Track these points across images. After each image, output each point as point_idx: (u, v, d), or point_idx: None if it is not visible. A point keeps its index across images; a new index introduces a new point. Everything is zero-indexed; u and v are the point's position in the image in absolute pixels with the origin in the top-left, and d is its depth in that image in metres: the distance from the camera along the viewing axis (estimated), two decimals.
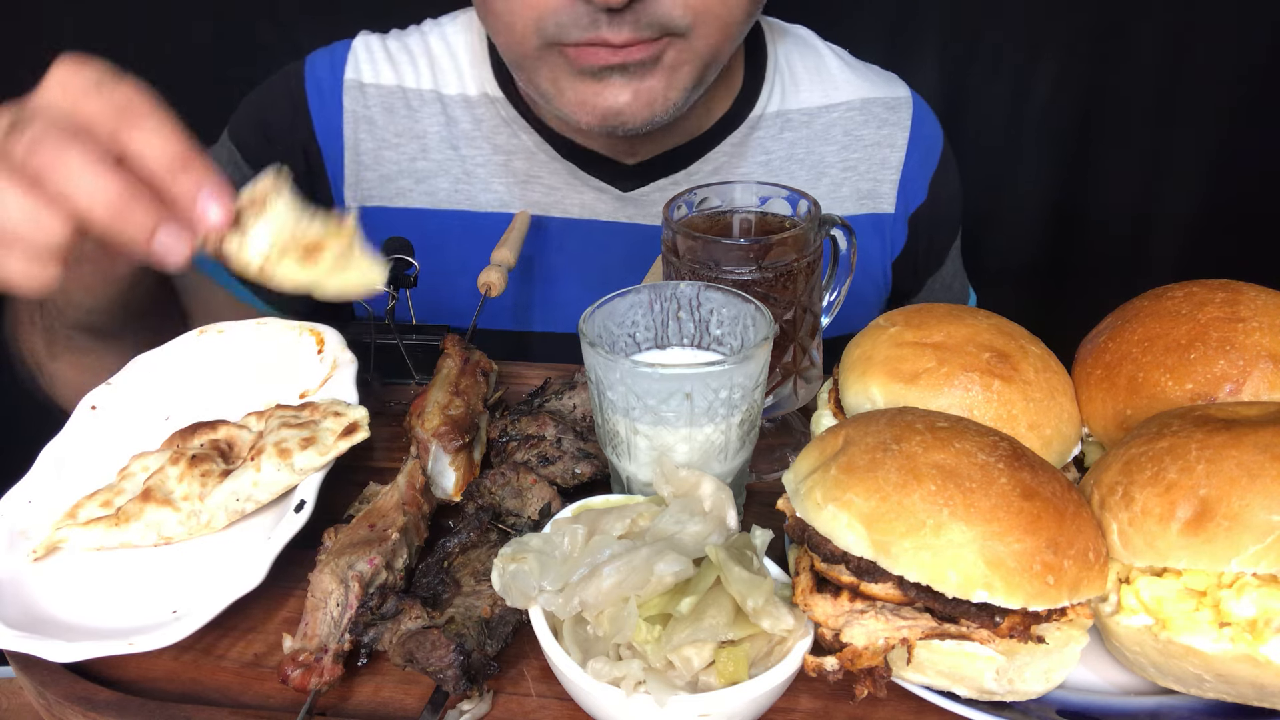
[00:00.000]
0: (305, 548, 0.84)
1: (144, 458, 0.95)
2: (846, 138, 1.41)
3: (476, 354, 1.08)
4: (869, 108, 1.42)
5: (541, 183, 1.35)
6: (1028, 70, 1.85)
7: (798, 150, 1.40)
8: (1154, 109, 1.86)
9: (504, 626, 0.78)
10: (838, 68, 1.43)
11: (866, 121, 1.42)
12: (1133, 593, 0.72)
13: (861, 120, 1.42)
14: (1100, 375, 0.88)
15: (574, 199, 1.36)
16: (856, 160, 1.41)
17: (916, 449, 0.71)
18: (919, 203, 1.45)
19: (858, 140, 1.42)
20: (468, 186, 1.35)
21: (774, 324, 0.84)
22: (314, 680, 0.75)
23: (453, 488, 0.96)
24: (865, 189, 1.42)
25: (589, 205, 1.36)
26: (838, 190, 1.41)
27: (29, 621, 0.79)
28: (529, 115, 1.34)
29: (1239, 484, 0.67)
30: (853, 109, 1.42)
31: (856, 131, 1.42)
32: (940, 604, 0.68)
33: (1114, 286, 1.05)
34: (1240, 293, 0.86)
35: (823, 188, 1.40)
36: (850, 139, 1.41)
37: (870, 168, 1.42)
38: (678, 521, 0.76)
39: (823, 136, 1.41)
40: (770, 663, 0.69)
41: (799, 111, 1.40)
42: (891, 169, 1.42)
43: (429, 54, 1.37)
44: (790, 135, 1.40)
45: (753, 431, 0.87)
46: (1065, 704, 0.74)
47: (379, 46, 1.37)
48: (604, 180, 1.35)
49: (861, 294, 1.44)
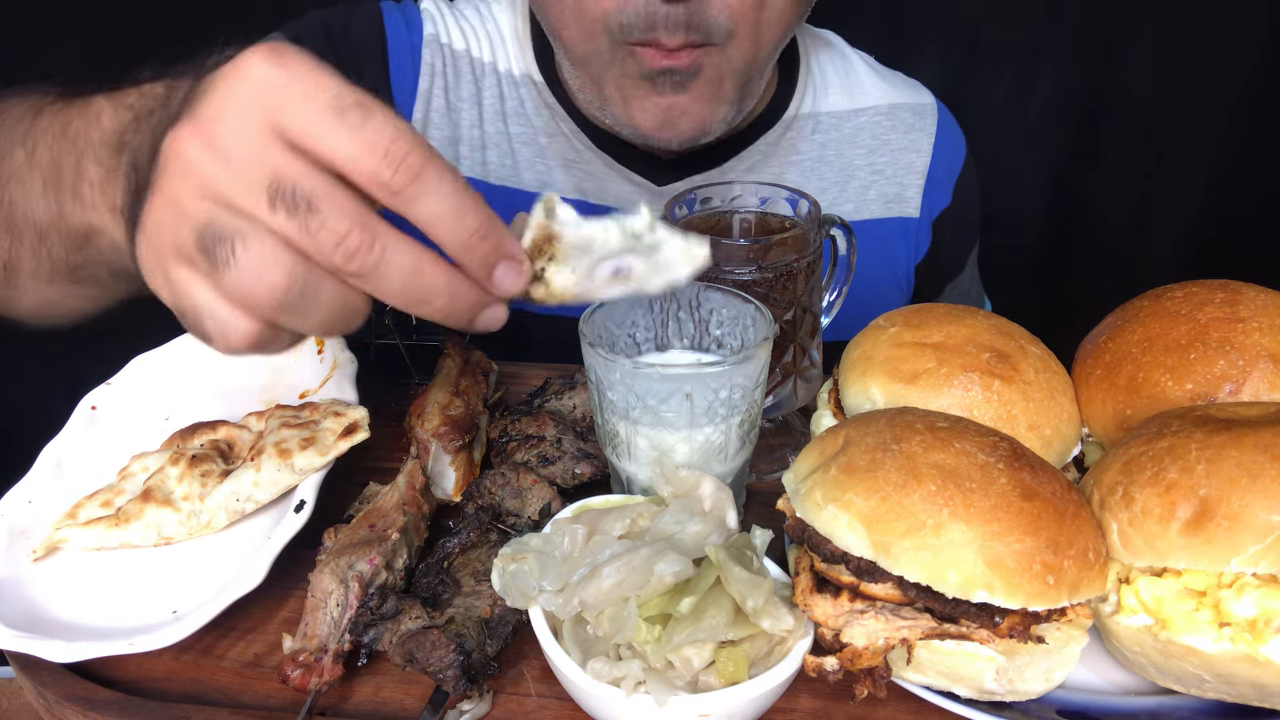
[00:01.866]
0: (305, 548, 0.84)
1: (144, 458, 0.95)
2: (874, 142, 1.43)
3: (476, 354, 1.08)
4: (896, 113, 1.44)
5: (580, 168, 1.36)
6: (1028, 70, 1.85)
7: (828, 152, 1.42)
8: (1154, 109, 1.86)
9: (504, 626, 0.78)
10: (865, 73, 1.46)
11: (894, 126, 1.44)
12: (1133, 593, 0.72)
13: (889, 125, 1.44)
14: (1100, 375, 0.88)
15: (611, 188, 1.37)
16: (884, 164, 1.43)
17: (916, 449, 0.71)
18: (943, 207, 1.47)
19: (885, 145, 1.43)
20: (513, 162, 1.36)
21: (774, 324, 0.84)
22: (314, 680, 0.75)
23: (453, 488, 0.96)
24: (892, 193, 1.44)
25: (624, 195, 1.37)
26: (865, 194, 1.43)
27: (29, 621, 0.79)
28: (567, 103, 1.34)
29: (1239, 484, 0.67)
30: (880, 114, 1.44)
31: (884, 136, 1.44)
32: (940, 604, 0.68)
33: (1114, 286, 1.05)
34: (1240, 293, 0.86)
35: (851, 191, 1.42)
36: (878, 143, 1.43)
37: (897, 172, 1.44)
38: (678, 521, 0.76)
39: (851, 140, 1.42)
40: (770, 663, 0.69)
41: (829, 114, 1.42)
42: (917, 174, 1.44)
43: (485, 27, 1.38)
44: (820, 138, 1.41)
45: (753, 432, 0.87)
46: (1065, 704, 0.74)
47: (448, 11, 1.38)
48: (639, 173, 1.36)
49: (886, 296, 1.45)
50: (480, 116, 1.35)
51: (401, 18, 1.36)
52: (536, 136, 1.36)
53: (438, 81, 1.34)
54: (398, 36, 1.34)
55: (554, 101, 1.34)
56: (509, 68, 1.36)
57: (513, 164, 1.36)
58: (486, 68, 1.36)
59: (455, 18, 1.37)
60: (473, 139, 1.36)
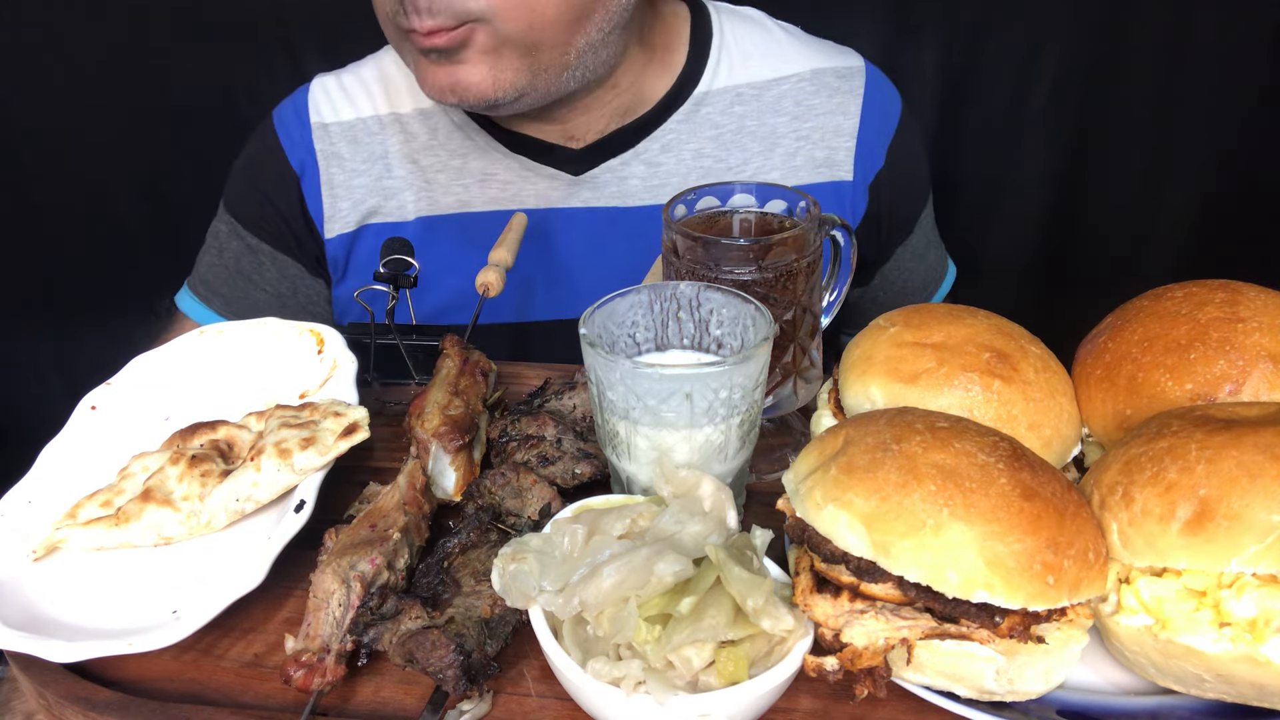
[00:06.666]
0: (305, 548, 0.84)
1: (144, 458, 0.95)
2: (798, 108, 1.43)
3: (475, 354, 1.08)
4: (820, 78, 1.44)
5: (497, 179, 1.40)
6: (1028, 69, 1.85)
7: (748, 122, 1.42)
8: (1154, 109, 1.86)
9: (504, 626, 0.78)
10: (787, 42, 1.45)
11: (817, 91, 1.44)
12: (1133, 593, 0.72)
13: (812, 90, 1.43)
14: (1100, 375, 0.88)
15: (529, 190, 1.40)
16: (809, 130, 1.43)
17: (916, 449, 0.71)
18: (878, 169, 1.46)
19: (809, 110, 1.43)
20: (429, 194, 1.41)
21: (774, 324, 0.84)
22: (317, 680, 0.75)
23: (453, 488, 0.96)
24: (820, 157, 1.44)
25: (543, 194, 1.40)
26: (792, 159, 1.43)
27: (29, 621, 0.79)
28: (477, 117, 1.39)
29: (1239, 484, 0.67)
30: (803, 80, 1.43)
31: (808, 101, 1.43)
32: (940, 604, 0.68)
33: (1114, 286, 1.05)
34: (1240, 293, 0.86)
35: (776, 158, 1.42)
36: (802, 109, 1.43)
37: (824, 136, 1.43)
38: (678, 521, 0.76)
39: (773, 108, 1.42)
40: (770, 663, 0.69)
41: (749, 85, 1.42)
42: (846, 136, 1.44)
43: (383, 78, 1.43)
44: (740, 109, 1.42)
45: (753, 432, 0.87)
46: (1065, 704, 0.74)
47: (334, 85, 1.44)
48: (555, 167, 1.39)
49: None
50: (388, 167, 1.41)
51: (293, 114, 1.44)
52: (450, 160, 1.41)
53: (333, 163, 1.42)
54: (291, 142, 1.43)
55: (465, 119, 1.39)
56: (415, 105, 1.42)
57: (429, 194, 1.41)
58: (384, 120, 1.42)
59: (342, 89, 1.44)
60: (383, 190, 1.41)
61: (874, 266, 1.55)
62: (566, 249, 1.41)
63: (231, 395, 1.05)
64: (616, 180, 1.39)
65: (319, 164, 1.41)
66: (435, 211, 1.40)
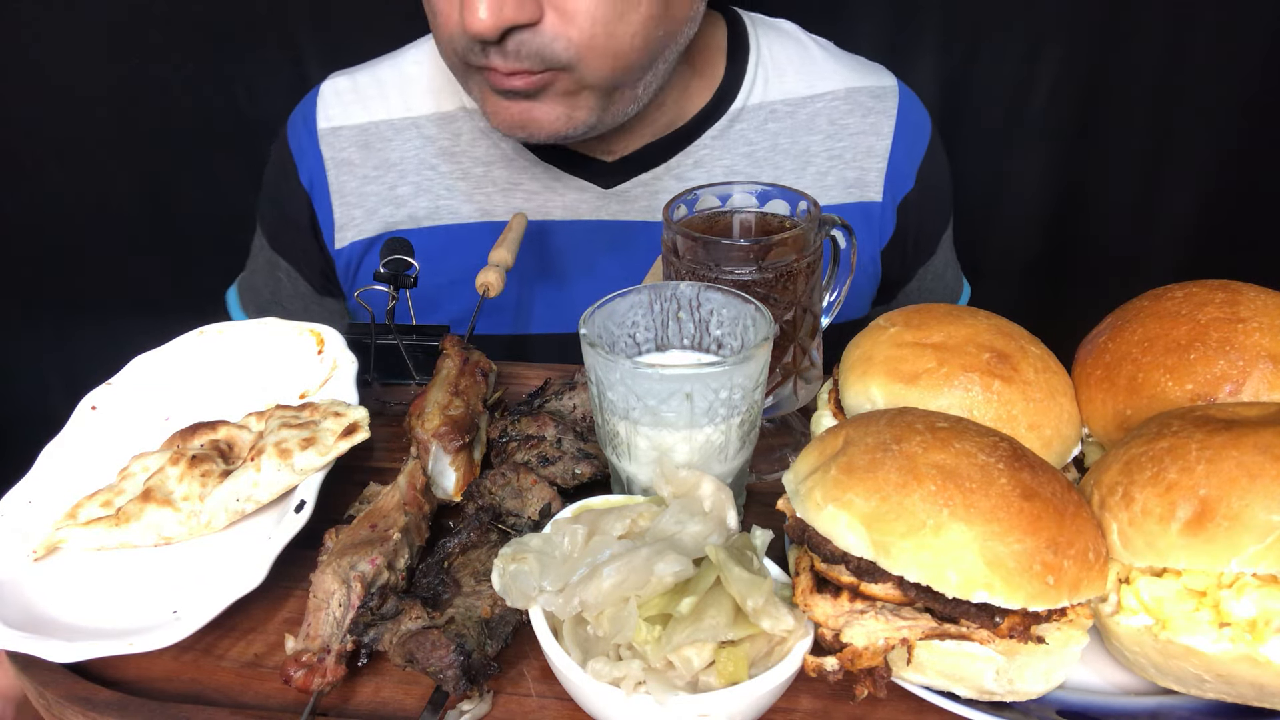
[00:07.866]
0: (306, 548, 0.84)
1: (144, 458, 0.95)
2: (832, 127, 1.41)
3: (476, 354, 1.08)
4: (854, 96, 1.42)
5: (522, 189, 1.37)
6: (1027, 68, 1.85)
7: (782, 140, 1.40)
8: (1154, 108, 1.86)
9: (504, 626, 0.78)
10: (822, 58, 1.44)
11: (852, 110, 1.42)
12: (1133, 593, 0.72)
13: (847, 109, 1.42)
14: (1100, 375, 0.88)
15: (556, 201, 1.37)
16: (842, 149, 1.42)
17: (916, 449, 0.71)
18: (906, 190, 1.45)
19: (843, 129, 1.42)
20: (449, 202, 1.38)
21: (774, 324, 0.84)
22: (317, 681, 0.75)
23: (453, 488, 0.96)
24: (852, 177, 1.42)
25: (571, 206, 1.37)
26: (824, 179, 1.42)
27: (29, 621, 0.79)
28: None
29: (1239, 484, 0.67)
30: (838, 98, 1.42)
31: (842, 120, 1.42)
32: (940, 604, 0.68)
33: (1114, 286, 1.05)
34: (1240, 293, 0.86)
35: (809, 177, 1.41)
36: (835, 128, 1.42)
37: (856, 156, 1.42)
38: (678, 522, 0.76)
39: (807, 126, 1.41)
40: (770, 663, 0.69)
41: (783, 102, 1.41)
42: (878, 157, 1.43)
43: (402, 78, 1.40)
44: (774, 126, 1.40)
45: (753, 432, 0.87)
46: (1065, 704, 0.74)
47: (346, 86, 1.41)
48: (585, 179, 1.36)
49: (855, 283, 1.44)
50: (402, 173, 1.38)
51: (302, 122, 1.41)
52: (473, 168, 1.37)
53: (342, 170, 1.38)
54: (301, 154, 1.40)
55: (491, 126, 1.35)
56: (436, 109, 1.38)
57: (449, 203, 1.38)
58: (398, 124, 1.38)
59: (355, 89, 1.40)
60: (396, 198, 1.38)
61: (896, 286, 1.54)
62: (592, 261, 1.38)
63: (231, 395, 1.05)
64: (647, 194, 1.37)
65: (327, 173, 1.39)
66: (455, 220, 1.38)
